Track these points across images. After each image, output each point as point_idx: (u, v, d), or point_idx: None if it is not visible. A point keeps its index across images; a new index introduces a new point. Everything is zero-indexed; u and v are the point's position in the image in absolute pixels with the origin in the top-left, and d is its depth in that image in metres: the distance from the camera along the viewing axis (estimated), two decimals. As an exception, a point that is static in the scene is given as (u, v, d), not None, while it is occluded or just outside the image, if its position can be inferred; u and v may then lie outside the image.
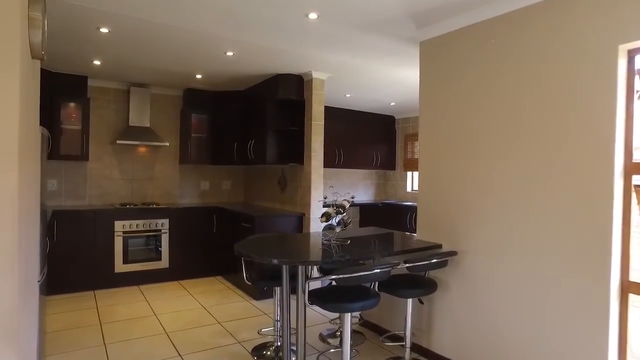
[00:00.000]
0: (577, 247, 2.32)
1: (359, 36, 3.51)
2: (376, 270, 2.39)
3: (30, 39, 1.86)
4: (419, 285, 2.84)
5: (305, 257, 2.62)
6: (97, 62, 4.44)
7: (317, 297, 2.53)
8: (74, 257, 4.68)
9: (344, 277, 2.35)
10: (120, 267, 4.95)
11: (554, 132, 2.44)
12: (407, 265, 2.67)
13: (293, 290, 2.74)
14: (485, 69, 2.83)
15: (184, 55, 4.11)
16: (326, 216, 2.98)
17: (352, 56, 4.10)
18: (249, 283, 3.08)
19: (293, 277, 2.78)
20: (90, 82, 5.22)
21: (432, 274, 3.06)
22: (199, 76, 4.99)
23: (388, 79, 4.97)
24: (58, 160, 5.00)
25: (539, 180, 2.51)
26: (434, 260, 2.74)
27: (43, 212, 3.08)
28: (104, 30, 3.42)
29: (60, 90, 4.85)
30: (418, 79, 4.98)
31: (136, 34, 3.53)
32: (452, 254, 2.87)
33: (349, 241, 3.07)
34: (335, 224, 3.01)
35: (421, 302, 3.10)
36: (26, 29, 1.81)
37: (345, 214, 3.09)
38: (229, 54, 4.03)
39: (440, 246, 3.08)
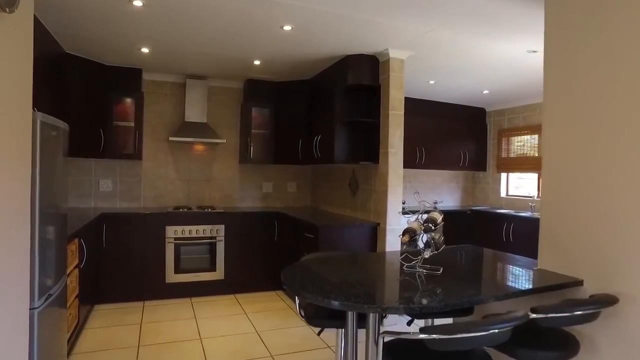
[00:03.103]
0: None
1: (453, -11, 2.61)
2: (493, 331, 1.49)
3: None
4: (549, 343, 1.87)
5: (380, 300, 1.79)
6: (145, 50, 3.97)
7: (396, 356, 1.69)
8: (123, 263, 4.28)
9: (439, 339, 1.48)
10: (171, 276, 4.47)
11: None
12: (537, 316, 1.72)
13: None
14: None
15: (234, 32, 3.46)
16: (410, 234, 2.11)
17: (439, 24, 3.18)
18: (303, 319, 2.31)
19: (362, 316, 1.96)
20: (145, 76, 4.84)
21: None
22: (257, 62, 4.35)
23: (484, 57, 3.95)
24: (112, 159, 4.66)
25: None
26: (579, 313, 1.76)
27: (62, 216, 2.59)
28: (137, 3, 2.87)
29: (113, 85, 4.49)
30: (523, 55, 3.92)
31: (174, 6, 2.94)
32: (610, 301, 1.84)
33: (440, 270, 2.18)
34: (423, 246, 2.14)
35: (550, 365, 2.11)
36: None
37: (435, 230, 2.21)
38: (287, 28, 3.30)
39: (580, 283, 2.08)
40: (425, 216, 2.26)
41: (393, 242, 3.86)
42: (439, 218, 2.23)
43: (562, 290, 2.06)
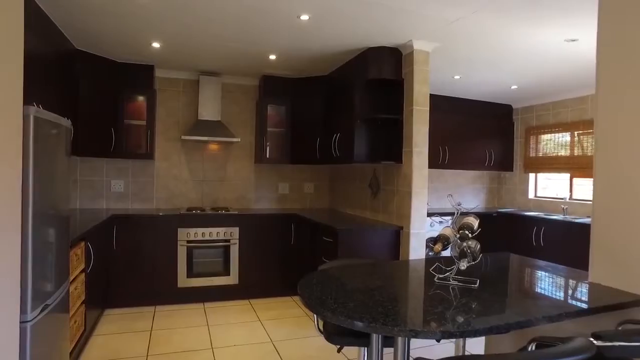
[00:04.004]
0: None
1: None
2: (555, 365, 1.23)
3: None
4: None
5: (412, 322, 1.54)
6: (156, 45, 3.80)
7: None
8: (135, 267, 4.12)
9: (488, 373, 1.23)
10: (183, 281, 4.29)
11: None
12: (602, 344, 1.45)
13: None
14: None
15: (248, 23, 3.26)
16: (443, 242, 1.86)
17: (472, 10, 2.91)
18: (322, 335, 2.08)
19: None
20: (157, 73, 4.68)
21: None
22: (272, 57, 4.14)
23: (516, 47, 3.65)
24: (124, 159, 4.52)
25: None
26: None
27: (63, 219, 2.41)
28: (145, -10, 2.69)
29: (124, 82, 4.34)
30: (560, 45, 3.56)
31: (185, -6, 2.75)
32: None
33: (477, 282, 1.92)
34: (457, 256, 1.88)
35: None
36: None
37: (471, 237, 1.95)
38: (304, 17, 3.08)
39: (644, 301, 1.79)
40: (449, 220, 2.01)
41: (417, 248, 3.60)
42: (476, 224, 1.98)
43: (621, 309, 1.78)
